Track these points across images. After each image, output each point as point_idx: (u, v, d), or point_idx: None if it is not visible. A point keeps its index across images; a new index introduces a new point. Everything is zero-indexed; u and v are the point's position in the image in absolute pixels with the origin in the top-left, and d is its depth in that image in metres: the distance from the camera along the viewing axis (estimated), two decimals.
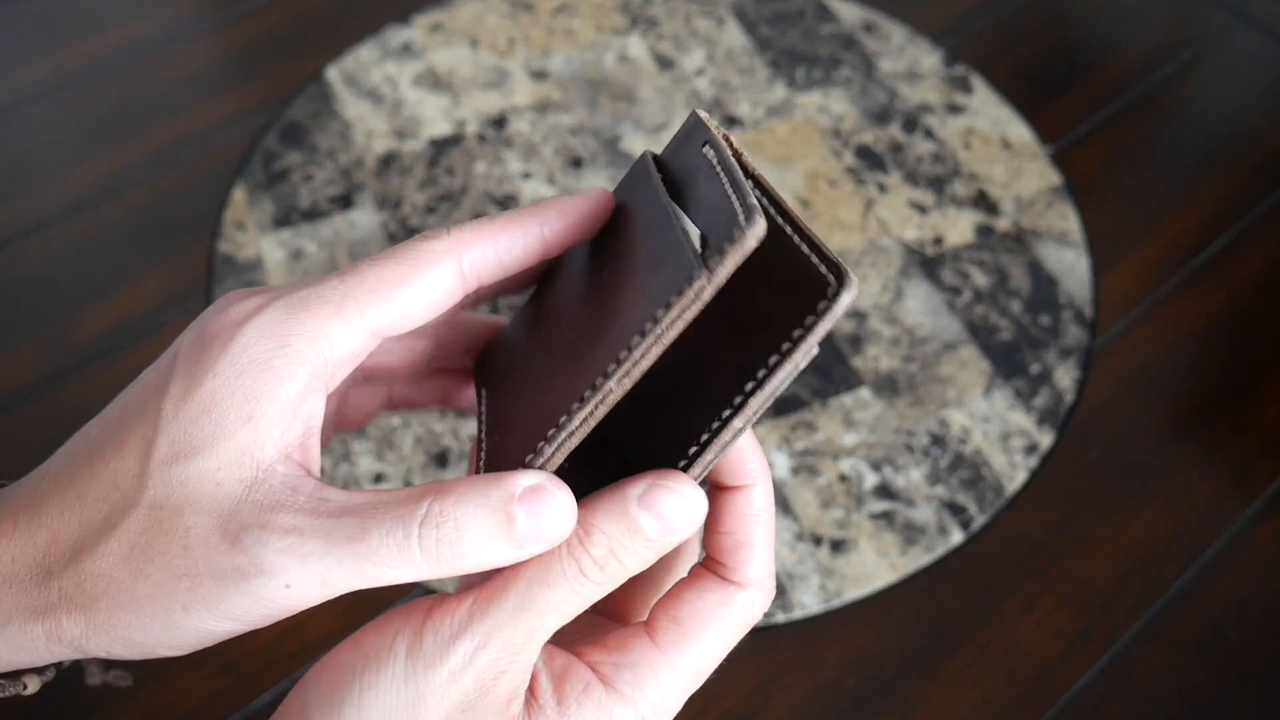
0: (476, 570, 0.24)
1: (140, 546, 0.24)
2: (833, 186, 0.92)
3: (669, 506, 0.25)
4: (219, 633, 0.24)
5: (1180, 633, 0.71)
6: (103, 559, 0.24)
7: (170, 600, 0.24)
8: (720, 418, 0.25)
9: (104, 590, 0.24)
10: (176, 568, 0.24)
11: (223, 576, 0.23)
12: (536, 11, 1.04)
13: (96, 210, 0.88)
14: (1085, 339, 0.84)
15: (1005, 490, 0.76)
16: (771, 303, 0.24)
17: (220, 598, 0.23)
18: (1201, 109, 1.00)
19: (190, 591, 0.24)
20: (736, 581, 0.27)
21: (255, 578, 0.23)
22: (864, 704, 0.67)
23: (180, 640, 0.24)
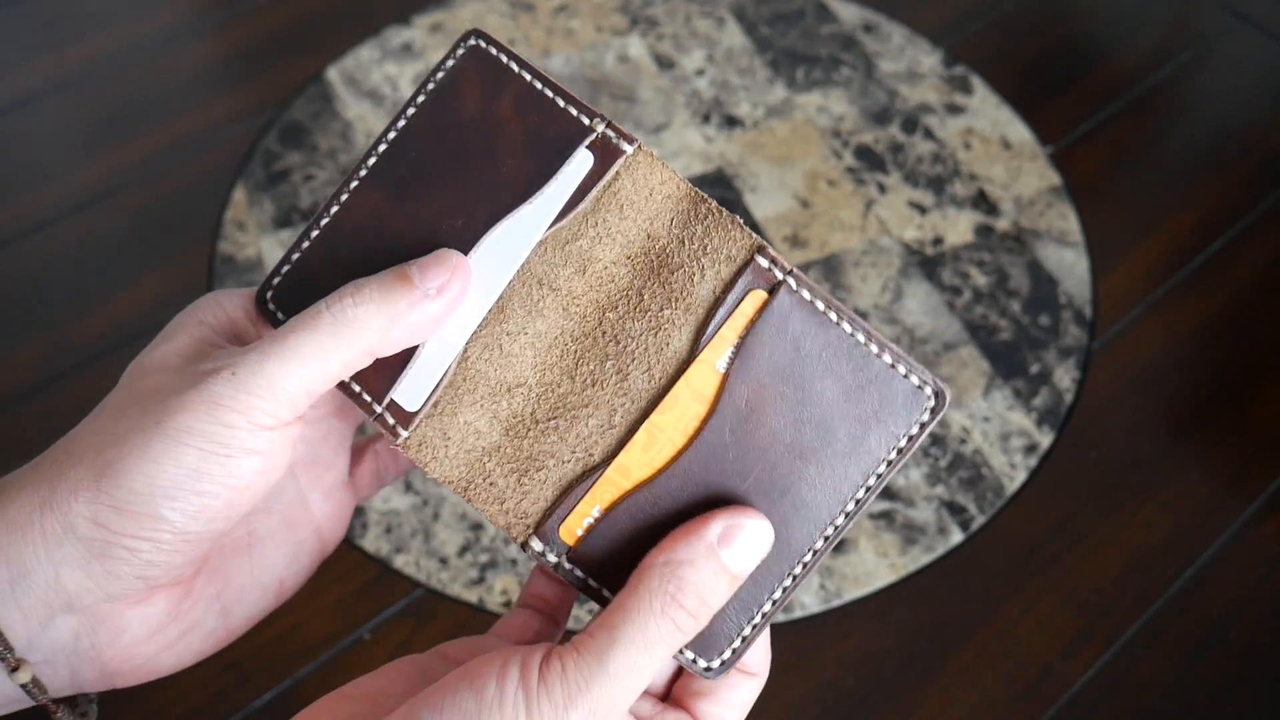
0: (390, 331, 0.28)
1: (119, 403, 0.28)
2: (833, 186, 0.92)
3: (749, 541, 0.27)
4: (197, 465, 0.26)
5: (1180, 633, 0.71)
6: (90, 421, 0.28)
7: (145, 420, 0.26)
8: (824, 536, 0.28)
9: (89, 443, 0.27)
10: (148, 400, 0.27)
11: (183, 389, 0.27)
12: (536, 11, 1.04)
13: (96, 210, 0.88)
14: (1085, 339, 0.84)
15: (1005, 490, 0.76)
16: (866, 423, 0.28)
17: (182, 405, 0.26)
18: (1201, 109, 1.00)
19: (160, 408, 0.27)
20: (755, 673, 0.32)
21: (207, 378, 0.27)
22: (864, 704, 0.67)
23: (161, 474, 0.26)
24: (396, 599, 0.69)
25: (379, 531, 0.72)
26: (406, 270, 0.28)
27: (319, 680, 0.66)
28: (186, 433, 0.26)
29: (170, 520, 0.26)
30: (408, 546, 0.72)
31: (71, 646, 0.27)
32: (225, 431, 0.26)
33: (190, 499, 0.26)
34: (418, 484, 0.74)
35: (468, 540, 0.72)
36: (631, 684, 0.25)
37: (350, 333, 0.27)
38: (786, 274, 0.28)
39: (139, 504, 0.26)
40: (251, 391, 0.27)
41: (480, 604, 0.68)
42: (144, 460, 0.26)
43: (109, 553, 0.26)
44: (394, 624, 0.68)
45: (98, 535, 0.26)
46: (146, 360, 0.29)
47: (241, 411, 0.26)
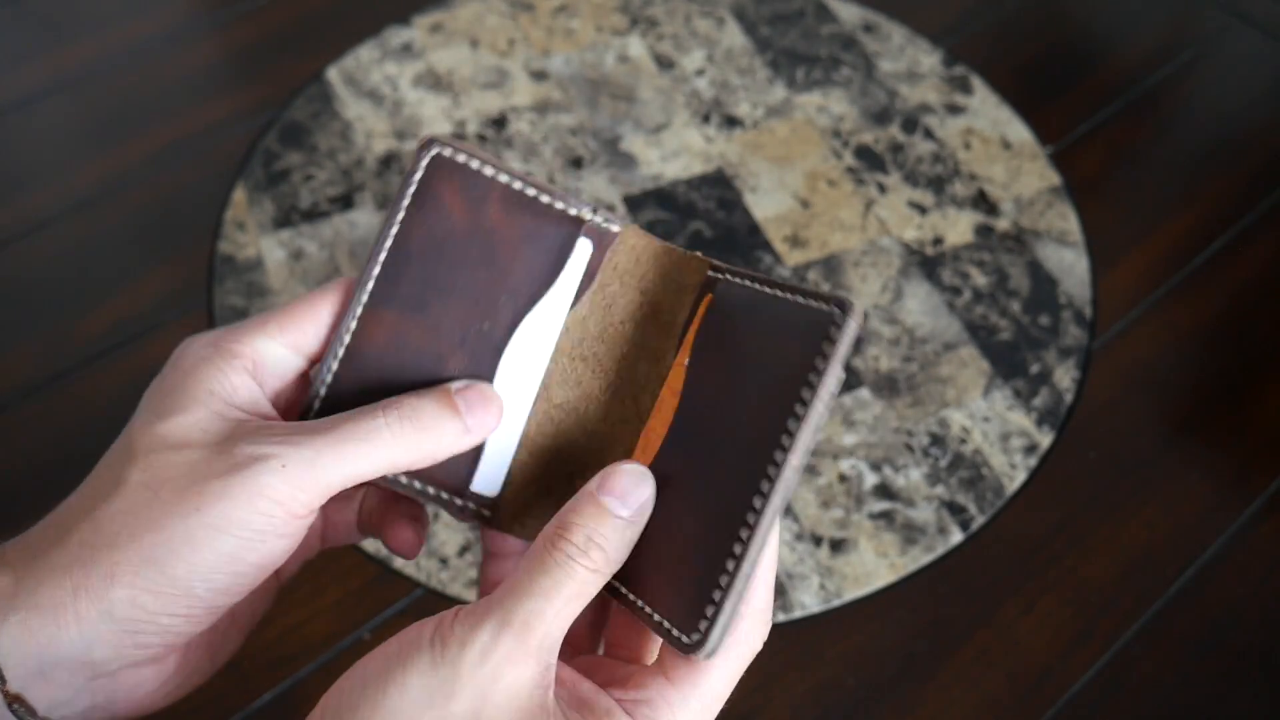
0: (435, 452, 0.30)
1: (148, 483, 0.28)
2: (833, 186, 0.92)
3: (624, 484, 0.28)
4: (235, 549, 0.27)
5: (1180, 633, 0.71)
6: (117, 500, 0.28)
7: (184, 506, 0.27)
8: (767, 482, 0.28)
9: (122, 525, 0.27)
10: (184, 482, 0.28)
11: (225, 474, 0.27)
12: (536, 11, 1.04)
13: (96, 210, 0.88)
14: (1085, 339, 0.84)
15: (1005, 490, 0.76)
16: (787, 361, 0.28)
17: (226, 491, 0.27)
18: (1201, 109, 1.00)
19: (200, 494, 0.27)
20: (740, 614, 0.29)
21: (253, 464, 0.27)
22: (864, 704, 0.67)
23: (201, 559, 0.27)
24: (396, 599, 0.69)
25: None
26: (454, 402, 0.30)
27: (319, 680, 0.66)
28: (227, 521, 0.27)
29: (202, 598, 0.28)
30: None
31: (89, 703, 0.29)
32: (264, 520, 0.27)
33: (224, 580, 0.28)
34: None
35: (468, 540, 0.72)
36: (539, 604, 0.26)
37: (401, 450, 0.29)
38: (721, 273, 0.32)
39: (178, 588, 0.27)
40: (299, 486, 0.28)
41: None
42: (186, 549, 0.27)
43: (142, 628, 0.27)
44: (394, 624, 0.68)
45: (134, 615, 0.27)
46: (162, 432, 0.29)
47: (283, 503, 0.28)
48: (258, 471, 0.27)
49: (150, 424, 0.29)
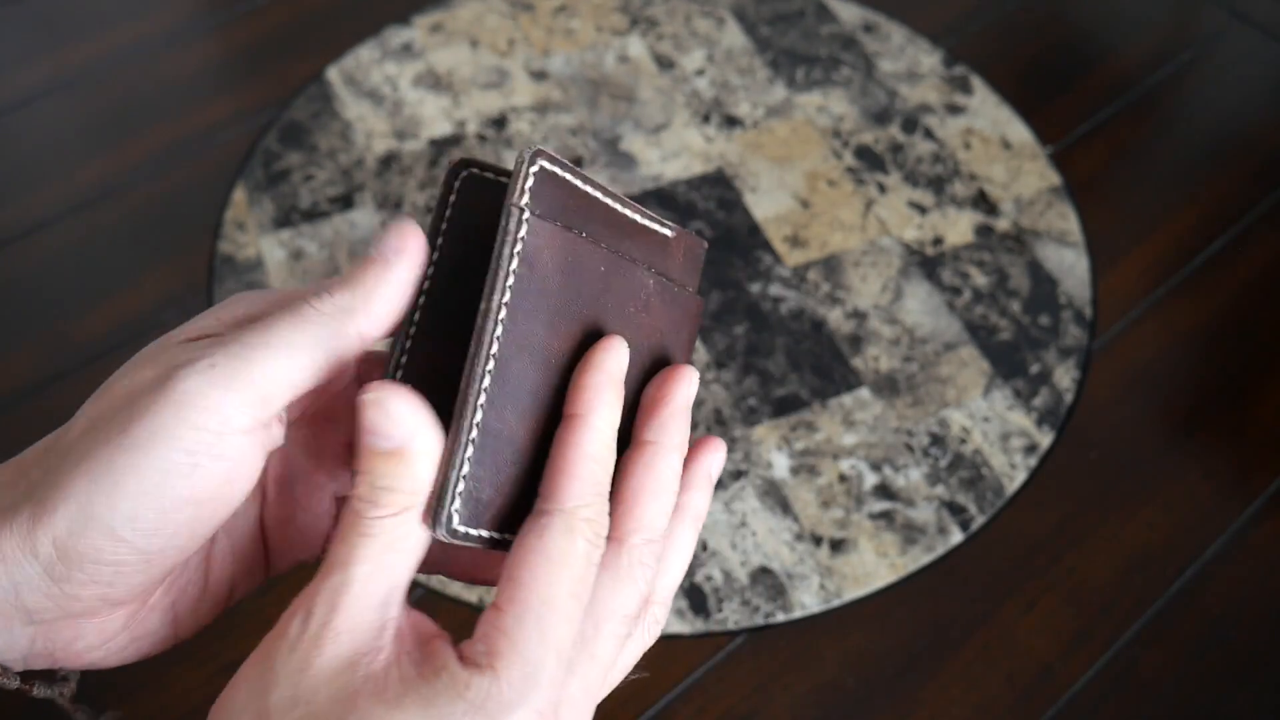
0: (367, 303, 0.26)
1: (92, 417, 0.25)
2: (833, 186, 0.92)
3: (371, 418, 0.25)
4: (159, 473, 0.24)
5: (1180, 633, 0.71)
6: (61, 437, 0.26)
7: (108, 430, 0.24)
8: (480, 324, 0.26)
9: (62, 459, 0.25)
10: (118, 406, 0.25)
11: (153, 387, 0.24)
12: (536, 11, 1.04)
13: (96, 210, 0.88)
14: (1085, 339, 0.84)
15: (1005, 490, 0.76)
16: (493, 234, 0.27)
17: (149, 406, 0.24)
18: (1201, 109, 1.00)
19: (126, 414, 0.24)
20: (545, 509, 0.26)
21: (180, 369, 0.24)
22: (864, 704, 0.67)
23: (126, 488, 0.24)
24: None
25: None
26: (367, 252, 0.27)
27: None
28: (149, 441, 0.24)
29: (128, 540, 0.24)
30: None
31: (27, 649, 0.27)
32: (193, 435, 0.24)
33: (150, 517, 0.24)
34: None
35: None
36: (339, 577, 0.24)
37: (334, 319, 0.26)
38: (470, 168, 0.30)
39: (97, 528, 0.24)
40: (229, 387, 0.24)
41: (480, 604, 0.68)
42: (107, 479, 0.24)
43: (69, 577, 0.25)
44: None
45: (59, 560, 0.24)
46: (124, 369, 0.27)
47: (214, 411, 0.24)
48: (180, 378, 0.24)
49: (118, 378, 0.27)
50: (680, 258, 0.30)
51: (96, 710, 0.31)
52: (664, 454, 0.27)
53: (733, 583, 0.71)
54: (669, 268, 0.30)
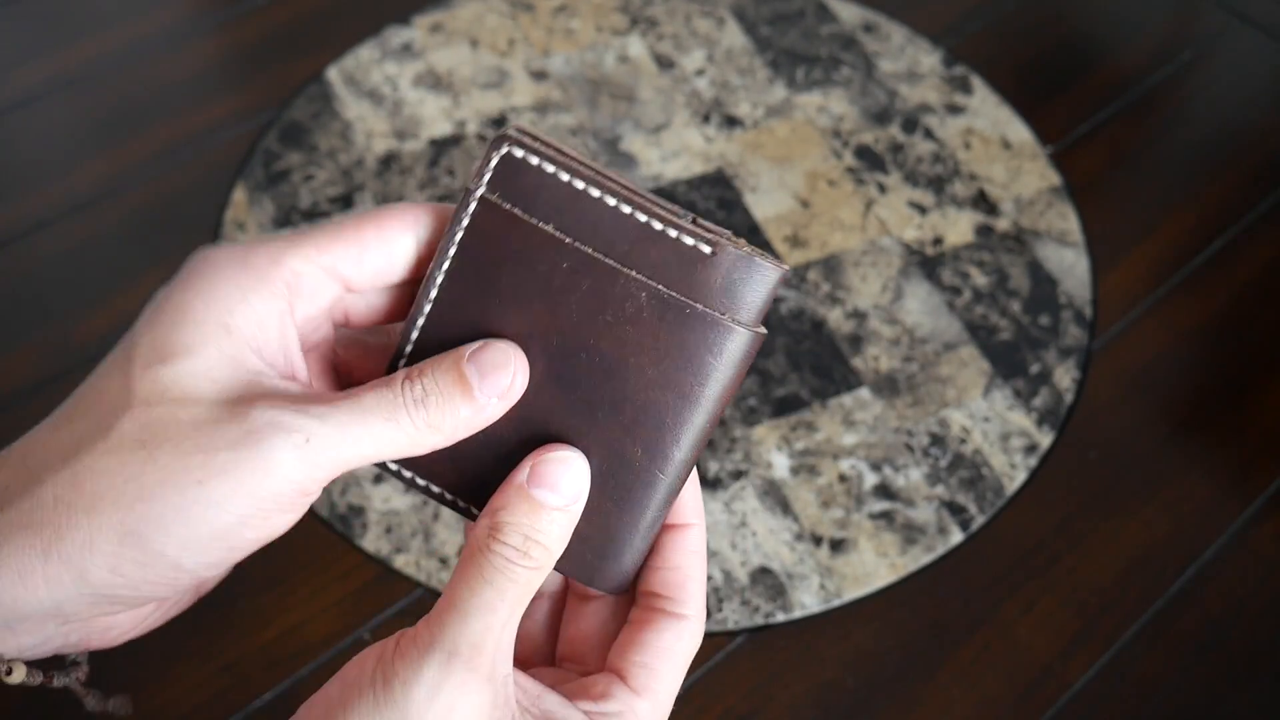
0: (454, 429, 0.27)
1: (143, 439, 0.24)
2: (833, 186, 0.92)
3: (555, 473, 0.27)
4: (232, 527, 0.24)
5: (1180, 633, 0.71)
6: (103, 456, 0.24)
7: (184, 478, 0.24)
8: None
9: (107, 486, 0.24)
10: (187, 446, 0.24)
11: (237, 443, 0.24)
12: (536, 11, 1.04)
13: (96, 210, 0.88)
14: (1085, 339, 0.84)
15: (1005, 490, 0.76)
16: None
17: (235, 464, 0.24)
18: (1201, 109, 1.00)
19: (204, 465, 0.24)
20: (685, 615, 0.29)
21: (272, 436, 0.24)
22: (864, 704, 0.67)
23: (193, 535, 0.24)
24: (396, 599, 0.69)
25: (379, 531, 0.72)
26: (465, 375, 0.27)
27: (319, 680, 0.66)
28: (232, 499, 0.24)
29: (192, 572, 0.25)
30: (408, 546, 0.72)
31: (61, 644, 0.27)
32: (272, 499, 0.24)
33: (217, 555, 0.25)
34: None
35: None
36: (486, 620, 0.25)
37: (421, 435, 0.26)
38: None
39: (165, 563, 0.24)
40: (317, 464, 0.25)
41: None
42: (178, 526, 0.24)
43: (118, 593, 0.25)
44: (394, 624, 0.68)
45: (112, 581, 0.24)
46: (165, 379, 0.25)
47: (298, 483, 0.24)
48: (276, 447, 0.24)
49: (150, 365, 0.25)
50: (721, 279, 0.27)
51: (105, 695, 0.31)
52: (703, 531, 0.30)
53: (733, 583, 0.71)
54: (696, 287, 0.27)
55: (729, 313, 0.27)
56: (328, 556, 0.71)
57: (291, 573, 0.71)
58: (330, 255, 0.27)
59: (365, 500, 0.73)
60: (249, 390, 0.25)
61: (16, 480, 0.25)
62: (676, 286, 0.27)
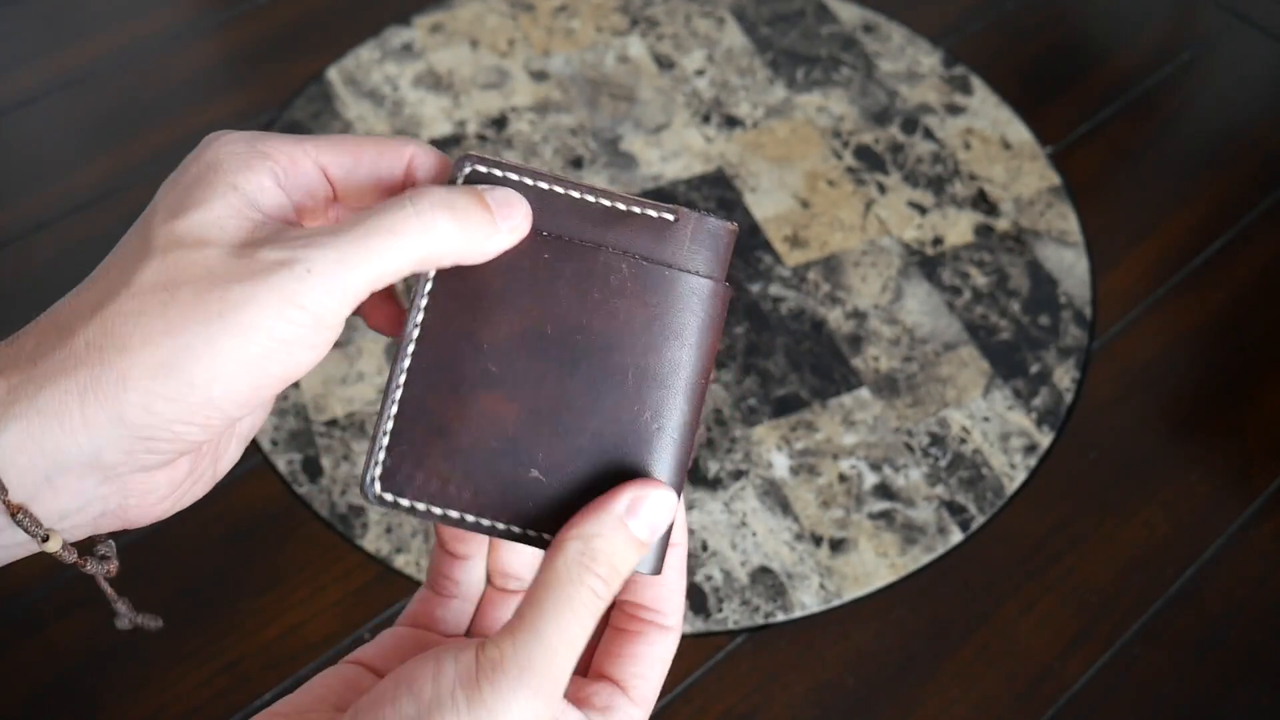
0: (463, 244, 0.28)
1: (164, 282, 0.26)
2: (833, 186, 0.92)
3: (653, 510, 0.28)
4: (258, 358, 0.26)
5: (1180, 633, 0.71)
6: (128, 300, 0.26)
7: (204, 311, 0.25)
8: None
9: (135, 326, 0.25)
10: (204, 284, 0.26)
11: (248, 278, 0.25)
12: (536, 12, 1.04)
13: (96, 210, 0.88)
14: (1084, 339, 0.84)
15: (1005, 490, 0.76)
16: None
17: (251, 296, 0.25)
18: (1201, 109, 1.00)
19: (222, 299, 0.25)
20: (672, 627, 0.30)
21: (278, 269, 0.25)
22: (863, 704, 0.67)
23: (222, 367, 0.25)
24: (396, 599, 0.69)
25: (379, 531, 0.72)
26: (484, 197, 0.28)
27: None
28: (252, 329, 0.25)
29: (221, 407, 0.26)
30: (408, 546, 0.72)
31: (100, 510, 0.27)
32: (292, 329, 0.26)
33: (245, 390, 0.26)
34: None
35: None
36: (568, 655, 0.26)
37: (431, 240, 0.27)
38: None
39: (196, 395, 0.25)
40: (328, 291, 0.26)
41: None
42: (206, 355, 0.25)
43: (155, 434, 0.26)
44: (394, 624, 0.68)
45: (148, 421, 0.25)
46: (180, 229, 0.27)
47: (312, 310, 0.26)
48: (284, 278, 0.25)
49: (166, 220, 0.27)
50: (687, 241, 0.30)
51: (136, 609, 0.32)
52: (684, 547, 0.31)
53: (733, 583, 0.71)
54: (667, 252, 0.30)
55: (699, 271, 0.30)
56: (328, 556, 0.71)
57: (291, 573, 0.71)
58: (329, 156, 0.29)
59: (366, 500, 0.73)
60: (256, 233, 0.27)
61: (47, 338, 0.26)
62: (650, 255, 0.30)
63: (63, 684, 0.66)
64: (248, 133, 0.29)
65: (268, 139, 0.29)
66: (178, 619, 0.68)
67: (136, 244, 0.27)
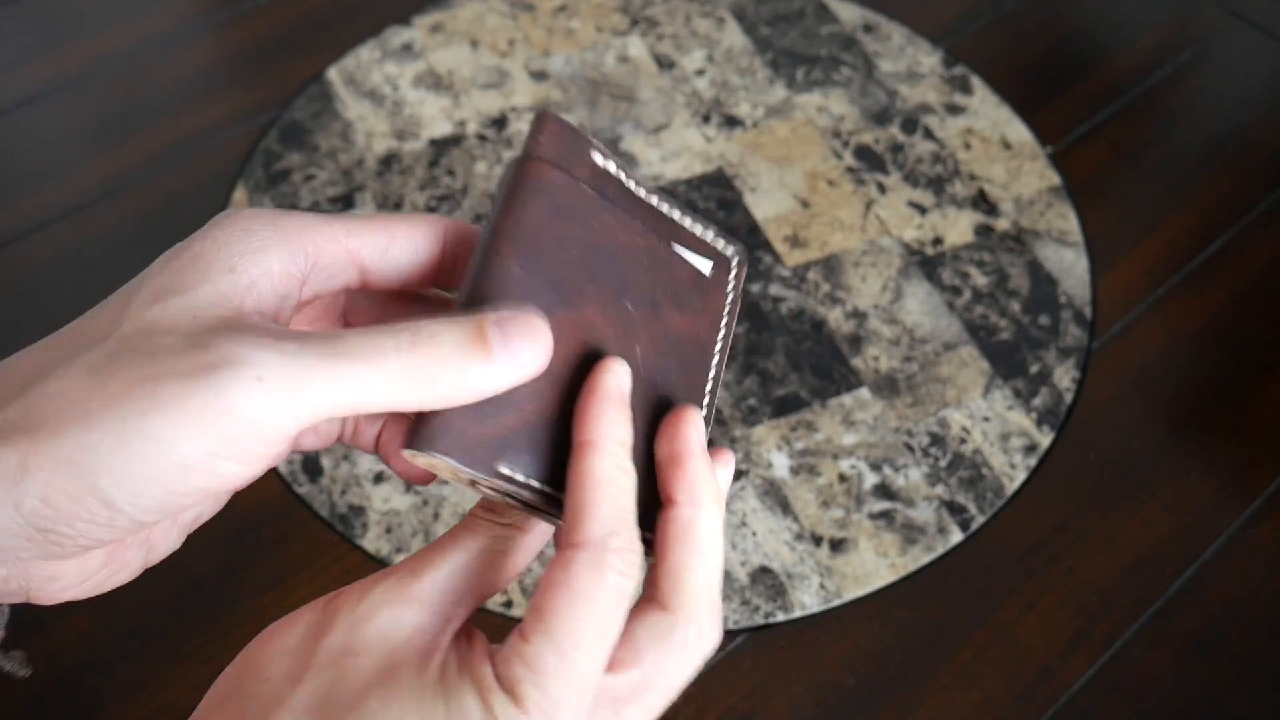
0: (452, 392, 0.24)
1: (102, 365, 0.22)
2: (833, 186, 0.92)
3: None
4: (173, 469, 0.22)
5: (1180, 633, 0.71)
6: (57, 380, 0.23)
7: (126, 405, 0.22)
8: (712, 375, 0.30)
9: (54, 410, 0.22)
10: (137, 375, 0.22)
11: (189, 374, 0.22)
12: (536, 11, 1.04)
13: (96, 210, 0.88)
14: (1084, 339, 0.84)
15: (1005, 490, 0.76)
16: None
17: (182, 396, 0.21)
18: (1201, 109, 1.00)
19: (151, 394, 0.22)
20: (667, 607, 0.26)
21: (224, 368, 0.22)
22: (864, 704, 0.67)
23: (129, 472, 0.22)
24: None
25: (379, 531, 0.72)
26: (486, 334, 0.24)
27: None
28: (173, 435, 0.22)
29: (125, 513, 0.23)
30: (408, 546, 0.72)
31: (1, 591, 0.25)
32: (223, 443, 0.22)
33: (156, 498, 0.23)
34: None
35: None
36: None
37: (407, 383, 0.23)
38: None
39: (96, 498, 0.22)
40: (276, 406, 0.22)
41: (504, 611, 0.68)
42: (115, 457, 0.22)
43: (53, 529, 0.23)
44: None
45: (44, 513, 0.22)
46: (153, 314, 0.24)
47: (251, 423, 0.22)
48: (226, 381, 0.22)
49: (146, 304, 0.24)
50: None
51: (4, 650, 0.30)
52: (701, 511, 0.26)
53: (733, 582, 0.71)
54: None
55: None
56: (328, 556, 0.71)
57: (291, 573, 0.71)
58: (359, 239, 0.27)
59: (365, 500, 0.73)
60: (227, 323, 0.23)
61: None
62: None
63: (63, 684, 0.66)
64: (270, 211, 0.26)
65: (295, 218, 0.26)
66: (178, 619, 0.68)
67: (106, 321, 0.24)
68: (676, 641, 0.26)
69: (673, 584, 0.26)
